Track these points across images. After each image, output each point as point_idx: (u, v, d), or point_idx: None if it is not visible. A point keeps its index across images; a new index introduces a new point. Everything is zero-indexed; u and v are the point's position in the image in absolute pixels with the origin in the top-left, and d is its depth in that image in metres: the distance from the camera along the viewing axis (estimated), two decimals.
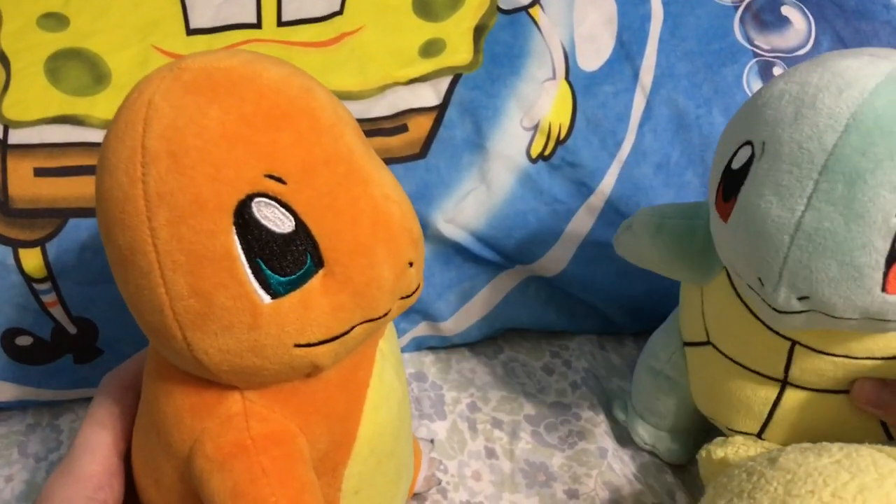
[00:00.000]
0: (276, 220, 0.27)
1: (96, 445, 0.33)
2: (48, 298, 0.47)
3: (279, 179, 0.27)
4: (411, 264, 0.30)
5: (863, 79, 0.31)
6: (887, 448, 0.35)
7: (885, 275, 0.31)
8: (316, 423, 0.31)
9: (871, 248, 0.30)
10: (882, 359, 0.37)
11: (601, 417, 0.52)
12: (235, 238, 0.26)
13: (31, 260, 0.46)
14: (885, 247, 0.30)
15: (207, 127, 0.26)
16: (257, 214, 0.26)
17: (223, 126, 0.26)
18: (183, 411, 0.30)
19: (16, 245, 0.46)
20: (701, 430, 0.49)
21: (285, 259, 0.27)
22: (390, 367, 0.35)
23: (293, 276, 0.27)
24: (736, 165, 0.34)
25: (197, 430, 0.30)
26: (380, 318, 0.30)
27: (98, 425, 0.34)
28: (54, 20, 0.50)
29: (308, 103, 0.28)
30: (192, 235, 0.26)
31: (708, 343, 0.43)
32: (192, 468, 0.30)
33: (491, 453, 0.50)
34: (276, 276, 0.27)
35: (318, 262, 0.28)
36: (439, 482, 0.48)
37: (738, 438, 0.41)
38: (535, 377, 0.55)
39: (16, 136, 0.47)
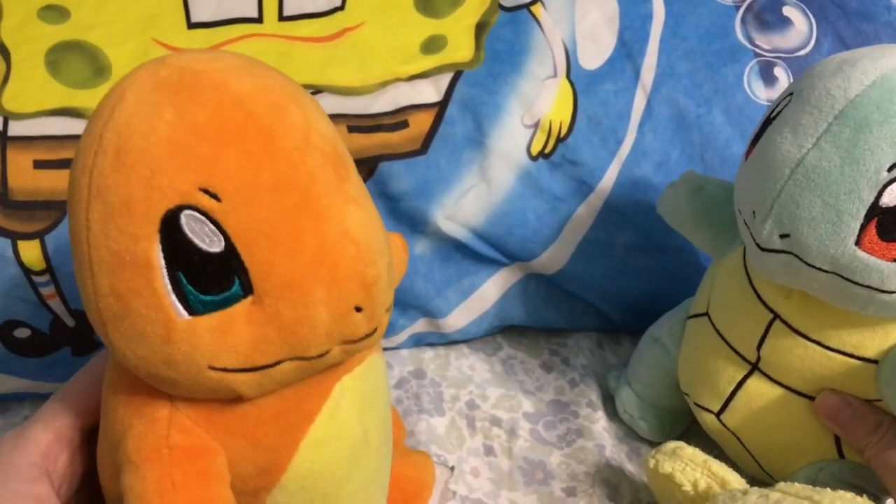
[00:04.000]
0: (203, 237, 0.26)
1: (54, 415, 0.33)
2: (47, 291, 0.47)
3: (214, 196, 0.26)
4: (359, 309, 0.28)
5: None
6: (798, 486, 0.35)
7: (863, 228, 0.33)
8: (240, 446, 0.30)
9: (856, 195, 0.32)
10: (850, 356, 0.38)
11: (599, 415, 0.52)
12: (158, 247, 0.26)
13: (30, 252, 0.46)
14: (869, 198, 0.32)
15: (157, 129, 0.25)
16: (185, 227, 0.26)
17: (172, 131, 0.26)
18: (119, 401, 0.30)
19: (15, 237, 0.46)
20: (677, 415, 0.50)
21: (209, 278, 0.26)
22: (350, 406, 0.33)
23: (216, 297, 0.26)
24: (774, 115, 0.37)
25: (125, 425, 0.30)
26: (313, 357, 0.29)
27: (61, 401, 0.33)
28: (55, 12, 0.50)
29: (269, 123, 0.27)
30: (118, 236, 0.26)
31: (705, 314, 0.44)
32: (116, 457, 0.30)
33: (489, 451, 0.50)
34: (197, 294, 0.26)
35: (248, 289, 0.27)
36: None
37: (687, 452, 0.41)
38: (533, 374, 0.55)
39: (16, 128, 0.47)
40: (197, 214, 0.26)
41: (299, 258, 0.27)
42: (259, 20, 0.51)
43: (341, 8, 0.52)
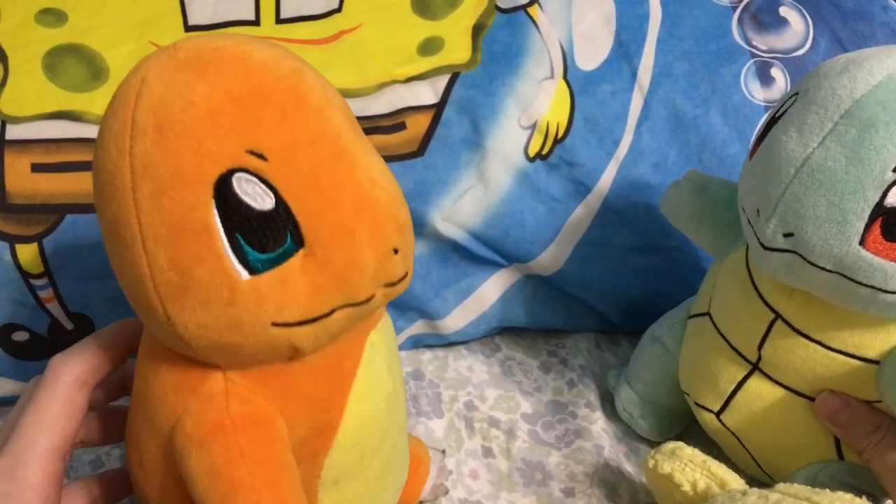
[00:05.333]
0: (255, 197, 0.27)
1: (41, 450, 0.31)
2: (45, 294, 0.47)
3: (261, 156, 0.27)
4: (396, 251, 0.30)
5: None
6: (797, 486, 0.35)
7: (867, 228, 0.33)
8: (297, 407, 0.31)
9: (861, 194, 0.32)
10: (852, 357, 0.38)
11: (598, 415, 0.52)
12: (215, 212, 0.26)
13: (28, 255, 0.46)
14: (874, 198, 0.32)
15: (194, 102, 0.26)
16: (237, 189, 0.26)
17: (209, 102, 0.26)
18: (167, 388, 0.30)
19: (13, 240, 0.46)
20: (677, 415, 0.50)
21: (264, 236, 0.27)
22: (381, 360, 0.35)
23: (272, 254, 0.27)
24: (779, 114, 0.36)
25: (179, 408, 0.30)
26: (362, 303, 0.30)
27: (44, 424, 0.32)
28: (52, 16, 0.50)
29: (296, 84, 0.28)
30: (173, 207, 0.26)
31: (706, 314, 0.44)
32: (174, 445, 0.30)
33: (488, 452, 0.50)
34: (255, 253, 0.27)
35: (299, 242, 0.28)
36: (447, 491, 0.47)
37: (686, 452, 0.41)
38: (531, 375, 0.55)
39: (13, 132, 0.47)
40: (247, 175, 0.27)
41: (343, 205, 0.28)
42: (256, 23, 0.51)
43: (338, 10, 0.52)
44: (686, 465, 0.41)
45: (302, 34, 0.51)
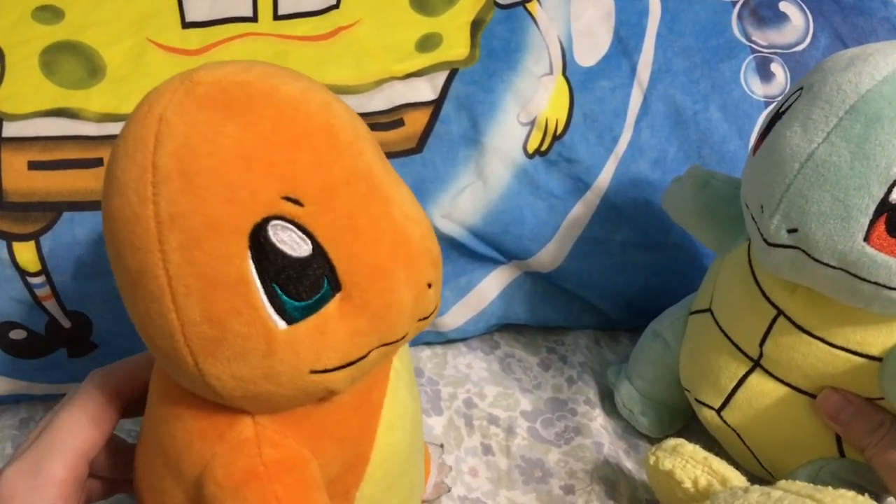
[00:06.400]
0: (292, 244, 0.26)
1: (69, 449, 0.32)
2: (42, 292, 0.47)
3: (297, 202, 0.25)
4: (430, 285, 0.29)
5: None
6: (799, 484, 0.35)
7: (872, 224, 0.32)
8: (329, 447, 0.31)
9: (866, 190, 0.32)
10: (854, 353, 0.38)
11: (597, 412, 0.52)
12: (251, 262, 0.25)
13: (25, 253, 0.46)
14: (879, 193, 0.32)
15: (223, 145, 0.25)
16: (273, 238, 0.25)
17: (240, 145, 0.25)
18: (193, 435, 0.29)
19: (10, 238, 0.46)
20: (677, 411, 0.50)
21: (301, 284, 0.26)
22: (404, 386, 0.34)
23: (309, 301, 0.26)
24: (783, 109, 0.36)
25: (207, 455, 0.29)
26: (397, 341, 0.29)
27: (75, 426, 0.32)
28: (49, 13, 0.50)
29: (327, 120, 0.27)
30: (206, 259, 0.25)
31: (708, 310, 0.44)
32: (203, 494, 0.29)
33: (487, 449, 0.50)
34: (292, 302, 0.26)
35: (335, 286, 0.27)
36: (449, 489, 0.47)
37: (688, 449, 0.41)
38: (531, 372, 0.55)
39: (10, 129, 0.46)
40: (283, 223, 0.25)
41: (380, 245, 0.27)
42: (254, 19, 0.51)
43: (336, 6, 0.52)
44: (687, 461, 0.40)
45: (299, 31, 0.51)
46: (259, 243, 0.25)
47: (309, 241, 0.26)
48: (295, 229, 0.26)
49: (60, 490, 0.31)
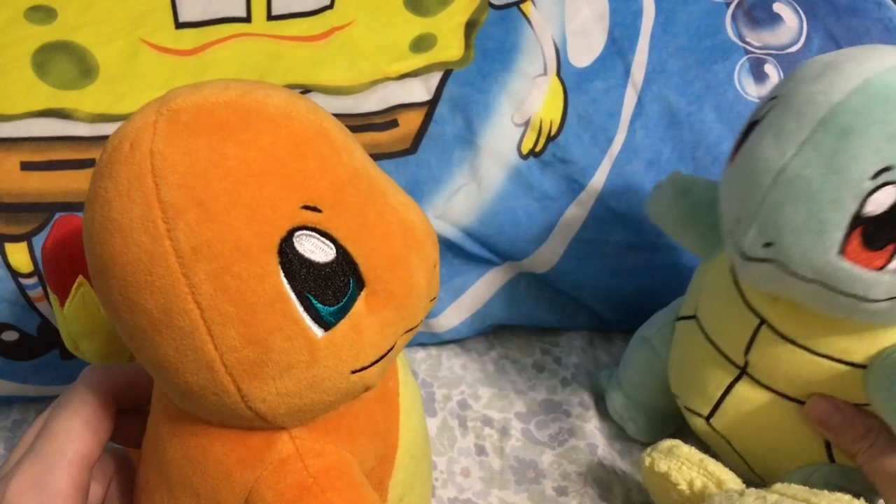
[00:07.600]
0: (317, 251, 0.26)
1: (71, 459, 0.31)
2: (35, 293, 0.47)
3: (315, 209, 0.25)
4: (435, 265, 0.30)
5: (889, 57, 0.33)
6: (795, 487, 0.35)
7: (846, 237, 0.32)
8: (363, 443, 0.31)
9: (840, 204, 0.32)
10: (838, 361, 0.38)
11: (591, 414, 0.52)
12: (283, 277, 0.25)
13: (18, 254, 0.46)
14: (852, 207, 0.32)
15: (230, 167, 0.24)
16: (300, 248, 0.25)
17: (246, 164, 0.24)
18: (229, 466, 0.29)
19: (2, 239, 0.46)
20: (668, 416, 0.50)
21: (332, 288, 0.26)
22: (408, 372, 0.35)
23: (341, 304, 0.26)
24: (759, 118, 0.36)
25: (250, 482, 0.28)
26: (417, 325, 0.30)
27: (74, 434, 0.31)
28: (42, 13, 0.50)
29: (320, 124, 0.27)
30: (240, 283, 0.25)
31: (694, 317, 0.44)
32: None
33: (481, 450, 0.50)
34: (326, 307, 0.26)
35: (360, 284, 0.27)
36: None
37: (683, 451, 0.41)
38: (525, 374, 0.55)
39: (2, 130, 0.46)
40: (306, 232, 0.26)
41: (391, 235, 0.28)
42: (247, 20, 0.51)
43: (330, 7, 0.52)
44: (683, 463, 0.40)
45: (293, 31, 0.51)
46: (287, 256, 0.25)
47: (332, 245, 0.26)
48: (317, 236, 0.26)
49: (69, 503, 0.30)
